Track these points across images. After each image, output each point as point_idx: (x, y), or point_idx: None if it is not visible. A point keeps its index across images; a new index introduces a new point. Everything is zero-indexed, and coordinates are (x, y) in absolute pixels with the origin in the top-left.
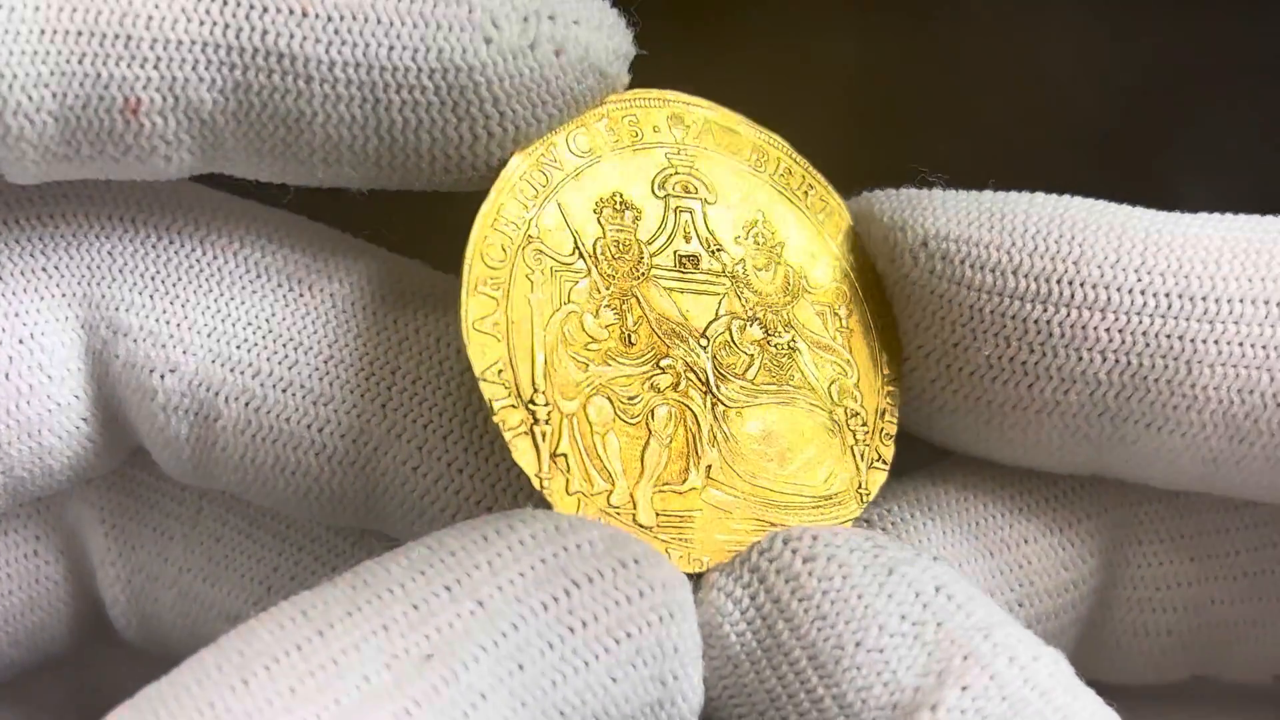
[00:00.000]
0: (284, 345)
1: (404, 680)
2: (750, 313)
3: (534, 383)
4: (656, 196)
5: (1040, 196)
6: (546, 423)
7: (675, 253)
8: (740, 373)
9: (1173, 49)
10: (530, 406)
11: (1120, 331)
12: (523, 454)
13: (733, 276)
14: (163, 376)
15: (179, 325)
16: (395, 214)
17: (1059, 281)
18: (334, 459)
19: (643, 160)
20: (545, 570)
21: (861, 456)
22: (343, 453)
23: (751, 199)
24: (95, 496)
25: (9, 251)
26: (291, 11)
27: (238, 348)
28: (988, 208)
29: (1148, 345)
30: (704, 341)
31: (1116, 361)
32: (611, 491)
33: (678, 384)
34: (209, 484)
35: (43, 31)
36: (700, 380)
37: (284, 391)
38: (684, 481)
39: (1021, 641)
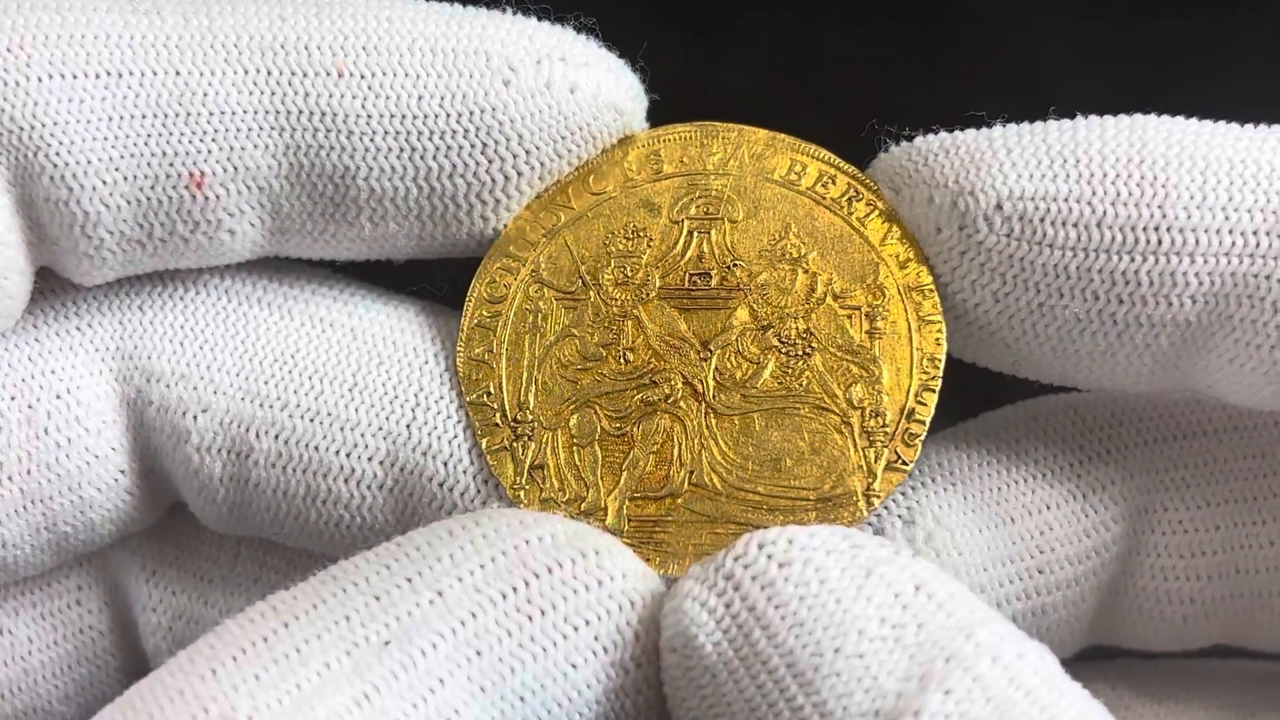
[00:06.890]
0: (310, 378)
1: (363, 666)
2: (763, 322)
3: (520, 402)
4: (673, 221)
5: (1111, 124)
6: (530, 438)
7: (686, 272)
8: (743, 381)
9: (1172, 48)
10: (513, 424)
11: (1210, 275)
12: (501, 467)
13: (748, 289)
14: (195, 417)
15: (209, 367)
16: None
17: (1145, 229)
18: (363, 483)
19: (662, 189)
20: (506, 561)
21: (876, 458)
22: (371, 476)
23: (778, 212)
24: (136, 544)
25: (44, 313)
26: (329, 74)
27: (265, 383)
28: (1059, 151)
29: (1235, 286)
30: (705, 354)
31: (1206, 304)
32: (584, 499)
33: (670, 396)
34: (244, 529)
35: (110, 118)
36: (696, 391)
37: (312, 421)
38: (663, 488)
39: (1005, 639)
